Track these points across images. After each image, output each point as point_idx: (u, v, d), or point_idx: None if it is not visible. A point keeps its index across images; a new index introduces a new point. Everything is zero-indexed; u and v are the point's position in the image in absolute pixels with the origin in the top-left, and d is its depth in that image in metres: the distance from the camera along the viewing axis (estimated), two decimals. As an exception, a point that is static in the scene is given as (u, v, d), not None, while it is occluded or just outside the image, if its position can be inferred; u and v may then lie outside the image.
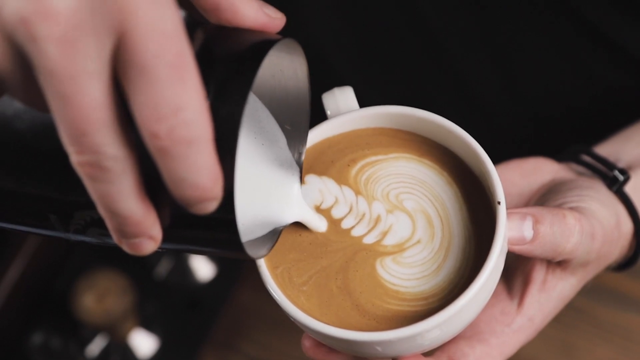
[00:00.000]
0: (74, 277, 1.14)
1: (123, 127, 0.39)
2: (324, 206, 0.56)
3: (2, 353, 1.15)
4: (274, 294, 0.53)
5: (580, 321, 0.99)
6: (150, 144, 0.39)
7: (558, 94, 0.83)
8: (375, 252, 0.54)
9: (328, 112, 0.58)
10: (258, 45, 0.44)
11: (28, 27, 0.37)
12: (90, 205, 0.43)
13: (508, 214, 0.53)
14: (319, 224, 0.55)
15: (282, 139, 0.54)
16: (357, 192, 0.56)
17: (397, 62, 0.87)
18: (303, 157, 0.55)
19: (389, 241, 0.55)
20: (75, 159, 0.39)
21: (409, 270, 0.54)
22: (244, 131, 0.53)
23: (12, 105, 0.44)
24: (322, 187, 0.57)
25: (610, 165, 0.64)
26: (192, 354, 1.11)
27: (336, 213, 0.56)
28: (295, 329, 0.55)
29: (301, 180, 0.55)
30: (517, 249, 0.54)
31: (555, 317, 0.62)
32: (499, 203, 0.51)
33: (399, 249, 0.54)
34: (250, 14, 0.46)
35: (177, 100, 0.38)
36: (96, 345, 1.14)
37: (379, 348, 0.51)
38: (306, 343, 0.57)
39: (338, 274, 0.54)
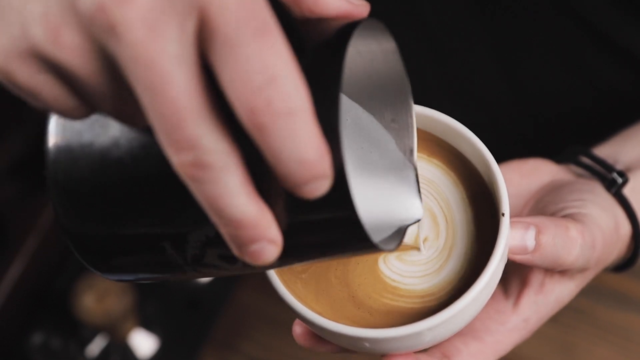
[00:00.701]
0: (74, 277, 1.14)
1: (218, 116, 0.37)
2: None
3: (2, 353, 1.15)
4: (271, 278, 0.53)
5: (580, 321, 0.99)
6: (248, 122, 0.36)
7: (561, 94, 0.83)
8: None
9: None
10: (344, 27, 0.42)
11: (106, 15, 0.35)
12: (202, 221, 0.41)
13: (511, 223, 0.53)
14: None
15: (390, 141, 0.52)
16: None
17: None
18: (415, 154, 0.52)
19: None
20: (175, 160, 0.37)
21: (411, 268, 0.54)
22: (350, 144, 0.51)
23: (107, 133, 0.43)
24: None
25: (609, 168, 0.64)
26: (192, 354, 1.11)
27: None
28: (296, 328, 0.55)
29: (418, 181, 0.52)
30: (518, 258, 0.54)
31: (555, 317, 0.62)
32: (503, 215, 0.51)
33: (406, 247, 0.54)
34: (332, 2, 0.44)
35: (269, 67, 0.36)
36: (96, 345, 1.14)
37: (367, 344, 0.51)
38: (297, 329, 0.56)
39: (339, 264, 0.54)
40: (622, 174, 0.64)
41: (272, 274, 0.52)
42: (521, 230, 0.54)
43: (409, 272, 0.53)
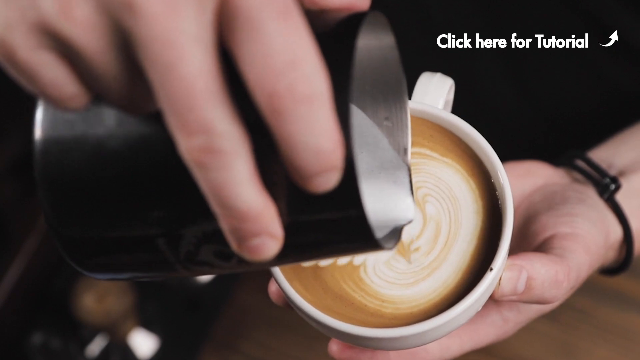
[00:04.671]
0: (74, 277, 1.14)
1: (232, 100, 0.35)
2: None
3: (2, 353, 1.15)
4: (277, 277, 0.53)
5: (581, 321, 0.99)
6: (267, 106, 0.34)
7: (569, 96, 0.83)
8: None
9: (414, 93, 0.56)
10: (349, 18, 0.40)
11: None
12: (200, 215, 0.40)
13: (508, 266, 0.53)
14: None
15: (383, 140, 0.50)
16: None
17: (406, 64, 0.87)
18: (409, 154, 0.51)
19: None
20: (184, 145, 0.35)
21: (389, 273, 0.54)
22: None
23: (102, 123, 0.40)
24: None
25: (603, 173, 0.65)
26: (192, 354, 1.11)
27: None
28: (295, 329, 0.56)
29: (411, 181, 0.51)
30: (505, 298, 0.54)
31: (555, 317, 0.62)
32: (490, 269, 0.51)
33: (397, 249, 0.54)
34: None
35: (293, 51, 0.34)
36: (96, 345, 1.14)
37: (373, 343, 0.52)
38: (333, 346, 0.57)
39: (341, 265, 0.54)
40: (615, 179, 0.64)
41: (281, 277, 0.52)
42: (516, 273, 0.54)
43: (387, 275, 0.54)
